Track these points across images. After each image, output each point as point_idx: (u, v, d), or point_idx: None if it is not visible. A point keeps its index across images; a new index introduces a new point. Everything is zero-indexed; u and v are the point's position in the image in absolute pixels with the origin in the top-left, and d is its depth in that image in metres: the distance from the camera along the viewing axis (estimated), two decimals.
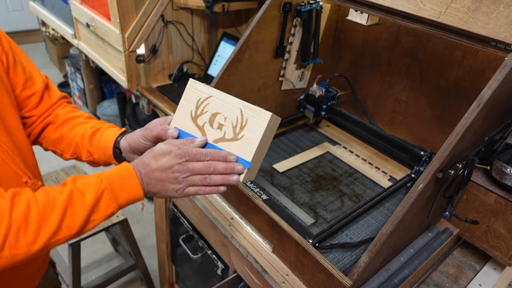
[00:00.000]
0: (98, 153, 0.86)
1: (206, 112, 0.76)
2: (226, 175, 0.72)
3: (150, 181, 0.71)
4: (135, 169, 0.71)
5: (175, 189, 0.71)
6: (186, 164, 0.70)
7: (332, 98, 1.39)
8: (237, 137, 0.73)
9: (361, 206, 1.05)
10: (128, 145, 0.83)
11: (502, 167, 0.95)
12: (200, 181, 0.71)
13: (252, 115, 0.71)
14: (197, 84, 0.77)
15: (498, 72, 0.75)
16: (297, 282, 0.90)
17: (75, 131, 0.89)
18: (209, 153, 0.71)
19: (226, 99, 0.74)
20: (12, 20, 4.12)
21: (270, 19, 1.15)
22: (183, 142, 0.73)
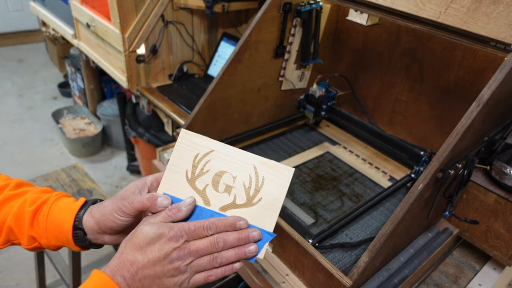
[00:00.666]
0: (47, 237, 0.64)
1: (207, 172, 0.59)
2: (240, 247, 0.55)
3: (142, 283, 0.53)
4: (114, 277, 0.52)
5: (178, 282, 0.54)
6: (186, 246, 0.53)
7: (332, 98, 1.39)
8: (252, 202, 0.58)
9: (361, 206, 1.06)
10: (96, 223, 0.61)
11: (502, 167, 0.95)
12: (209, 263, 0.54)
13: (270, 173, 0.57)
14: (192, 135, 0.59)
15: (498, 72, 0.75)
16: (297, 282, 0.90)
17: (4, 212, 0.66)
18: (211, 224, 0.55)
19: (234, 154, 0.59)
20: (12, 20, 4.12)
21: (270, 19, 1.15)
22: (168, 215, 0.56)
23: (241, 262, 0.57)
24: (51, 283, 1.93)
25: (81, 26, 2.02)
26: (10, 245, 0.69)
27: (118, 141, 2.84)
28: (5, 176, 0.71)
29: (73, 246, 0.65)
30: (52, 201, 0.66)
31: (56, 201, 0.66)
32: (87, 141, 2.73)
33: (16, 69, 3.92)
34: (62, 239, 0.64)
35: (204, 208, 0.59)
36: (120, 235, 0.64)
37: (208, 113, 1.18)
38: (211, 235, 0.55)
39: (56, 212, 0.64)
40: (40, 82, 3.74)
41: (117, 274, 0.52)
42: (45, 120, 3.14)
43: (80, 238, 0.64)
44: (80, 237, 0.64)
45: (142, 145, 2.27)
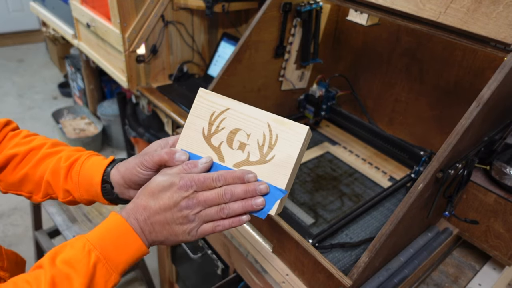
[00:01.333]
0: (79, 191, 0.69)
1: (223, 129, 0.60)
2: (247, 199, 0.56)
3: (153, 227, 0.56)
4: (128, 219, 0.56)
5: (187, 230, 0.56)
6: (195, 196, 0.55)
7: (332, 98, 1.39)
8: (265, 159, 0.58)
9: (361, 206, 1.06)
10: (122, 177, 0.65)
11: (501, 167, 0.95)
12: (217, 213, 0.56)
13: (284, 131, 0.57)
14: (209, 94, 0.61)
15: (498, 72, 0.75)
16: (297, 282, 0.90)
17: (43, 167, 0.70)
18: (220, 176, 0.56)
19: (249, 112, 0.59)
20: (13, 20, 4.12)
21: (270, 19, 1.15)
22: (184, 169, 0.58)
23: (248, 215, 0.58)
24: None
25: (81, 26, 2.02)
26: (49, 199, 0.73)
27: (118, 141, 2.84)
28: (43, 137, 0.76)
29: (102, 200, 0.68)
30: (84, 158, 0.70)
31: (88, 158, 0.70)
32: (87, 141, 2.73)
33: (16, 69, 3.93)
34: (92, 193, 0.68)
35: (219, 164, 0.60)
36: None
37: None
38: (219, 186, 0.56)
39: (87, 167, 0.68)
40: (40, 82, 3.74)
41: (131, 217, 0.56)
42: (45, 120, 3.14)
43: (108, 191, 0.67)
44: (108, 191, 0.67)
45: (142, 145, 2.27)
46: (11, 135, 0.74)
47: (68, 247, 0.53)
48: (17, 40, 4.33)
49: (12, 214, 2.31)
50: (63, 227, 1.50)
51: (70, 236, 1.46)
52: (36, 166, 0.71)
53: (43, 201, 0.74)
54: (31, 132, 0.77)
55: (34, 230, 1.76)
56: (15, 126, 0.76)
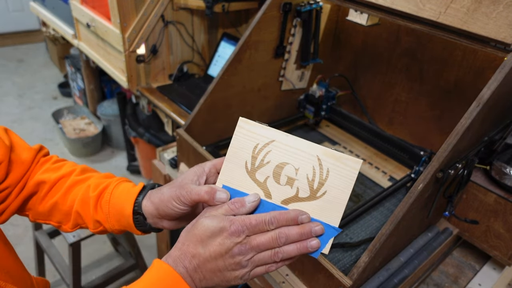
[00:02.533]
0: (110, 222, 0.67)
1: (268, 163, 0.56)
2: (301, 242, 0.54)
3: (204, 275, 0.54)
4: (176, 268, 0.53)
5: (239, 276, 0.54)
6: (247, 241, 0.53)
7: (332, 98, 1.39)
8: (315, 195, 0.55)
9: (361, 206, 1.06)
10: (155, 209, 0.62)
11: (501, 167, 0.95)
12: (270, 258, 0.54)
13: (336, 165, 0.54)
14: (251, 125, 0.56)
15: (498, 72, 0.75)
16: (297, 282, 0.90)
17: (72, 197, 0.69)
18: (273, 219, 0.53)
19: (296, 144, 0.55)
20: (13, 20, 4.12)
21: (270, 19, 1.15)
22: (231, 209, 0.55)
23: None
24: (51, 283, 1.93)
25: (81, 26, 2.02)
26: (79, 229, 0.72)
27: (118, 141, 2.84)
28: (71, 163, 0.74)
29: (135, 231, 0.66)
30: (113, 186, 0.67)
31: (116, 186, 0.67)
32: (87, 141, 2.73)
33: (16, 69, 3.93)
34: (124, 224, 0.66)
35: (265, 201, 0.57)
36: (178, 221, 0.65)
37: (208, 113, 1.18)
38: (272, 229, 0.54)
39: (117, 197, 0.66)
40: (40, 82, 3.74)
41: (179, 265, 0.53)
42: (45, 120, 3.14)
43: (140, 222, 0.65)
44: (140, 222, 0.65)
45: (142, 145, 2.27)
46: (42, 161, 0.73)
47: None
48: (17, 40, 4.33)
49: None
50: None
51: (70, 236, 1.46)
52: (65, 195, 0.69)
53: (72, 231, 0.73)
54: (61, 158, 0.76)
55: (34, 230, 1.76)
56: (46, 151, 0.75)
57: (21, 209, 0.72)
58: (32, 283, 0.72)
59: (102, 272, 1.84)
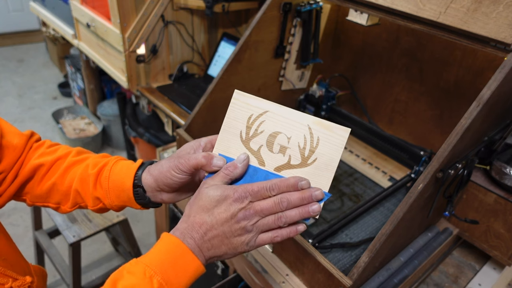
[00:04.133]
0: (110, 197, 0.68)
1: (261, 132, 0.59)
2: (304, 206, 0.56)
3: (211, 243, 0.55)
4: (184, 239, 0.54)
5: (245, 241, 0.56)
6: (251, 207, 0.55)
7: (332, 98, 1.39)
8: (306, 162, 0.58)
9: (361, 206, 1.06)
10: (155, 181, 0.64)
11: (501, 167, 0.95)
12: (274, 222, 0.56)
13: (326, 133, 0.57)
14: (246, 96, 0.59)
15: (498, 72, 0.75)
16: (297, 282, 0.90)
17: (70, 176, 0.70)
18: (274, 185, 0.55)
19: (288, 114, 0.59)
20: (13, 20, 4.12)
21: (270, 19, 1.15)
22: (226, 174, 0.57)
23: (304, 225, 0.58)
24: (51, 283, 1.93)
25: (81, 26, 2.02)
26: (78, 208, 0.72)
27: (118, 141, 2.84)
28: (66, 146, 0.75)
29: (135, 204, 0.67)
30: (112, 163, 0.69)
31: (116, 163, 0.69)
32: (87, 141, 2.73)
33: (16, 69, 3.93)
34: (124, 198, 0.67)
35: (259, 168, 0.59)
36: (176, 193, 0.67)
37: (208, 113, 1.18)
38: (274, 195, 0.56)
39: (116, 173, 0.67)
40: (40, 82, 3.74)
41: (187, 236, 0.54)
42: (45, 120, 3.14)
43: (140, 195, 0.66)
44: (140, 195, 0.66)
45: (142, 145, 2.27)
46: (36, 146, 0.73)
47: (126, 274, 0.52)
48: (17, 40, 4.33)
49: (12, 214, 2.31)
50: (63, 227, 1.50)
51: (70, 236, 1.46)
52: (63, 176, 0.70)
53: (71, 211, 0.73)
54: (54, 142, 0.76)
55: (34, 230, 1.76)
56: (38, 137, 0.76)
57: (18, 194, 0.73)
58: (30, 270, 0.72)
59: (102, 272, 1.84)
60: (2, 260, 0.63)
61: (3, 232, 0.68)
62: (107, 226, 1.56)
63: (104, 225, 1.54)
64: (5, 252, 0.65)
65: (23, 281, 0.64)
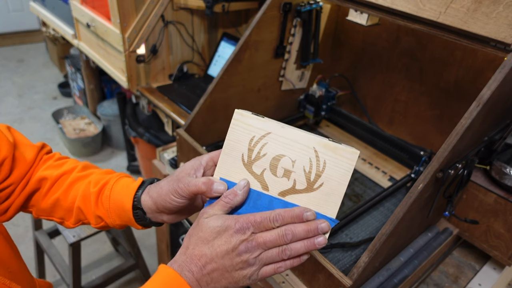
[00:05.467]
0: (111, 217, 0.67)
1: (264, 155, 0.56)
2: (309, 239, 0.54)
3: (211, 277, 0.52)
4: (182, 273, 0.52)
5: (247, 275, 0.53)
6: (253, 239, 0.52)
7: (332, 98, 1.39)
8: (312, 187, 0.55)
9: (361, 206, 1.06)
10: (154, 203, 0.63)
11: (501, 167, 0.95)
12: (278, 255, 0.53)
13: (333, 156, 0.54)
14: (246, 116, 0.56)
15: (498, 72, 0.75)
16: (297, 282, 0.90)
17: (73, 193, 0.70)
18: (278, 216, 0.53)
19: (292, 136, 0.55)
20: (13, 20, 4.12)
21: (270, 19, 1.15)
22: (226, 202, 0.55)
23: (309, 254, 0.56)
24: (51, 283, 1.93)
25: (81, 26, 2.02)
26: (81, 225, 0.72)
27: (118, 141, 2.84)
28: (74, 160, 0.75)
29: (136, 225, 0.67)
30: (113, 182, 0.68)
31: (117, 182, 0.68)
32: (87, 141, 2.73)
33: (16, 69, 3.93)
34: (124, 219, 0.66)
35: (262, 193, 0.57)
36: (177, 215, 0.66)
37: (208, 113, 1.18)
38: (277, 226, 0.53)
39: (117, 192, 0.66)
40: (40, 82, 3.74)
41: (185, 269, 0.52)
42: (45, 120, 3.14)
43: (140, 217, 0.65)
44: (140, 217, 0.65)
45: (142, 145, 2.27)
46: (45, 158, 0.73)
47: None
48: (17, 40, 4.33)
49: None
50: (63, 227, 1.50)
51: (70, 236, 1.46)
52: (67, 191, 0.70)
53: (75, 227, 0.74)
54: (63, 156, 0.76)
55: (34, 230, 1.76)
56: (49, 149, 0.75)
57: (25, 205, 0.73)
58: (35, 284, 0.72)
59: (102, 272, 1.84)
60: (8, 272, 0.62)
61: (11, 244, 0.67)
62: None
63: None
64: (11, 265, 0.64)
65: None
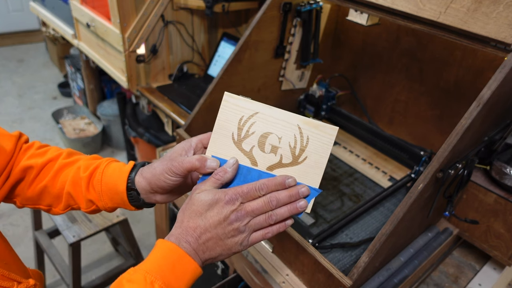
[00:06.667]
0: (103, 200, 0.69)
1: (253, 133, 0.61)
2: (292, 203, 0.59)
3: (206, 246, 0.57)
4: (180, 244, 0.56)
5: (239, 242, 0.58)
6: (242, 208, 0.57)
7: (332, 98, 1.39)
8: (297, 161, 0.60)
9: (361, 206, 1.06)
10: (148, 184, 0.65)
11: (501, 167, 0.95)
12: (265, 221, 0.58)
13: (315, 132, 0.59)
14: (236, 98, 0.61)
15: (498, 72, 0.75)
16: (297, 282, 0.90)
17: (61, 179, 0.70)
18: (263, 185, 0.58)
19: (278, 115, 0.60)
20: (13, 20, 4.12)
21: (270, 19, 1.15)
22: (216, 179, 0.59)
23: (292, 219, 0.61)
24: (51, 283, 1.93)
25: (81, 26, 2.02)
26: (70, 210, 0.73)
27: (118, 141, 2.84)
28: (55, 147, 0.75)
29: (129, 206, 0.68)
30: (103, 166, 0.69)
31: (107, 166, 0.69)
32: (87, 141, 2.73)
33: (16, 69, 3.92)
34: (117, 201, 0.68)
35: (252, 168, 0.62)
36: (169, 194, 0.68)
37: (208, 113, 1.18)
38: (263, 195, 0.58)
39: (109, 175, 0.68)
40: (40, 82, 3.74)
41: (182, 241, 0.56)
42: (45, 120, 3.14)
43: (134, 198, 0.68)
44: (134, 197, 0.67)
45: (142, 145, 2.27)
46: (25, 147, 0.73)
47: (126, 283, 0.52)
48: (17, 40, 4.33)
49: (12, 214, 2.30)
50: (63, 227, 1.50)
51: (70, 236, 1.46)
52: (54, 178, 0.70)
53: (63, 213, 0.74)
54: (43, 144, 0.76)
55: (34, 230, 1.76)
56: (26, 138, 0.75)
57: (9, 196, 0.73)
58: (28, 274, 0.73)
59: (102, 272, 1.84)
60: (4, 264, 0.63)
61: (2, 237, 0.68)
62: (107, 226, 1.56)
63: (104, 225, 1.54)
64: (6, 257, 0.66)
65: (27, 284, 0.65)
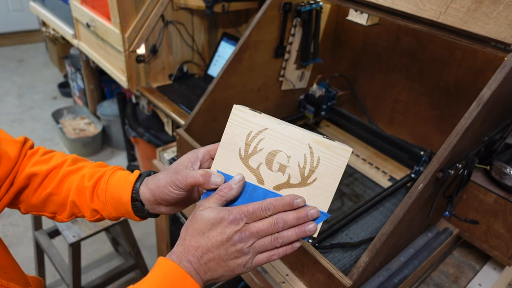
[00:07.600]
0: (107, 210, 0.67)
1: (261, 150, 0.58)
2: (299, 226, 0.56)
3: (208, 267, 0.54)
4: (181, 263, 0.54)
5: (242, 263, 0.55)
6: (247, 229, 0.54)
7: (332, 98, 1.39)
8: (306, 182, 0.57)
9: (361, 206, 1.06)
10: (152, 195, 0.63)
11: (501, 167, 0.95)
12: (271, 243, 0.55)
13: (326, 153, 0.56)
14: (245, 112, 0.57)
15: (498, 72, 0.75)
16: (297, 282, 0.90)
17: (66, 187, 0.69)
18: (269, 205, 0.55)
19: (288, 132, 0.57)
20: (13, 20, 4.12)
21: (270, 19, 1.15)
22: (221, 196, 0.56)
23: (301, 241, 0.58)
24: (51, 283, 1.93)
25: (81, 26, 2.02)
26: (75, 218, 0.72)
27: (118, 141, 2.84)
28: (61, 153, 0.74)
29: (133, 217, 0.67)
30: (108, 175, 0.68)
31: (112, 175, 0.68)
32: (87, 141, 2.73)
33: (16, 69, 3.92)
34: (122, 211, 0.67)
35: (258, 187, 0.59)
36: (174, 206, 0.67)
37: (208, 113, 1.18)
38: (269, 215, 0.55)
39: (113, 185, 0.67)
40: (40, 82, 3.74)
41: (183, 260, 0.54)
42: (45, 120, 3.14)
43: (139, 209, 0.66)
44: (139, 208, 0.66)
45: (142, 145, 2.27)
46: (30, 153, 0.72)
47: None
48: (17, 40, 4.33)
49: (12, 214, 2.30)
50: (63, 227, 1.50)
51: (70, 236, 1.46)
52: (59, 186, 0.69)
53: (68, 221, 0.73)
54: (48, 149, 0.75)
55: (34, 230, 1.76)
56: (31, 143, 0.74)
57: (13, 202, 0.72)
58: (29, 282, 0.72)
59: (102, 272, 1.84)
60: (4, 273, 0.62)
61: (2, 245, 0.67)
62: (107, 226, 1.56)
63: (104, 225, 1.54)
64: (6, 265, 0.65)
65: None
